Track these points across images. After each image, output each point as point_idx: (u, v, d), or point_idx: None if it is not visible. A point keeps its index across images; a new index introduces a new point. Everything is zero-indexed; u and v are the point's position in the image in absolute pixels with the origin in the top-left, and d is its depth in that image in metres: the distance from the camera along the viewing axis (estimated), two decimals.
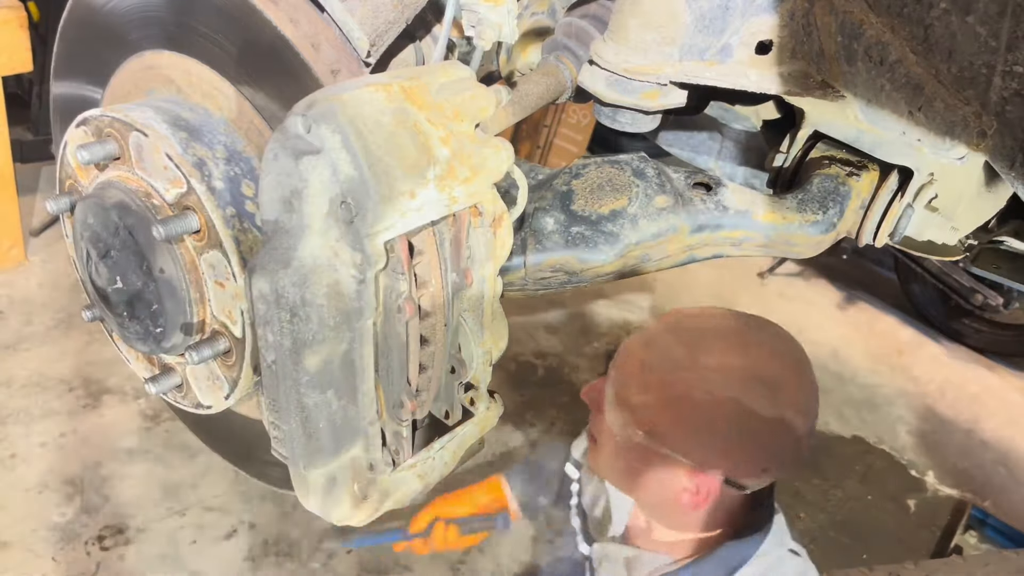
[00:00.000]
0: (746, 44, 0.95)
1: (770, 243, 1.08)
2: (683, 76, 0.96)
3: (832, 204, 1.07)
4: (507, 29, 0.96)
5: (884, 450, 3.24)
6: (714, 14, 0.92)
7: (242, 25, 0.88)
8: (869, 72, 0.87)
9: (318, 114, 0.69)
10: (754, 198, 1.08)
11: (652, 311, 3.82)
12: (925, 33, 0.79)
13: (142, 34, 0.99)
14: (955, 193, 1.10)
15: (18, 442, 2.57)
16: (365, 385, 0.78)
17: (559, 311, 3.66)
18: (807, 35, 0.92)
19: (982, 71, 0.75)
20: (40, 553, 2.25)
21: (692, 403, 1.14)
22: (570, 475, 1.57)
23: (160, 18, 0.96)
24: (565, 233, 1.00)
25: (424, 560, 2.46)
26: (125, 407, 2.76)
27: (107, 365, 2.89)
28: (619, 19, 0.95)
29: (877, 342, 3.93)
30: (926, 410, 3.52)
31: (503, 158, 0.79)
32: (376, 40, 0.90)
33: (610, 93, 0.99)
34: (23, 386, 2.78)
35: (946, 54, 0.78)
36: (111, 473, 2.54)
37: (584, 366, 3.38)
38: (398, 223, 0.71)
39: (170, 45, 0.97)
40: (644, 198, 1.02)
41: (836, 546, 2.75)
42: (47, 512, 2.37)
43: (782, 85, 0.97)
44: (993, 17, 0.71)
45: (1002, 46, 0.72)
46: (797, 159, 1.14)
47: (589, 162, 1.07)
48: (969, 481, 3.15)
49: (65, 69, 1.14)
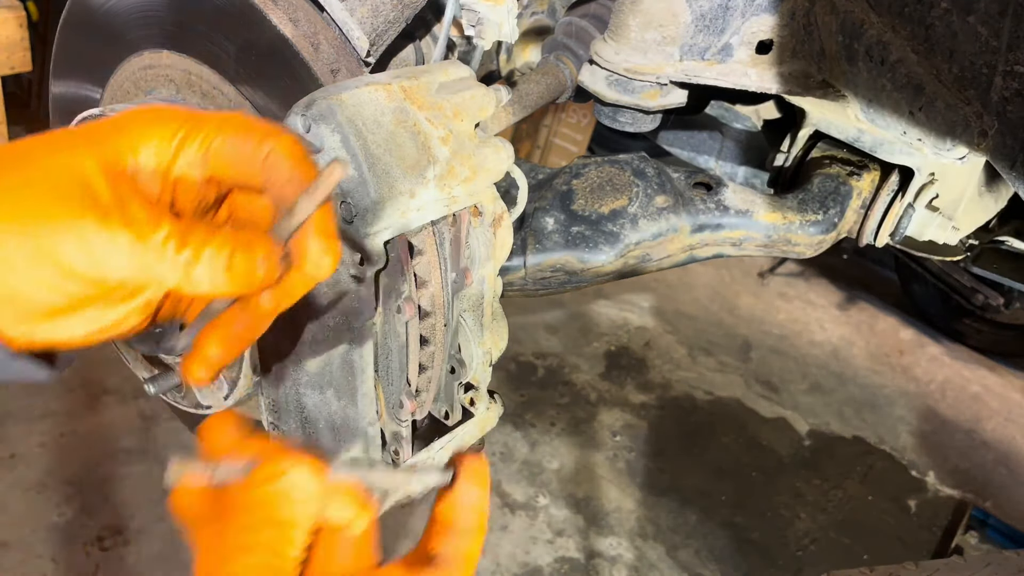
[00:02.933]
0: (747, 43, 0.95)
1: (771, 243, 1.08)
2: (683, 76, 0.96)
3: (833, 204, 1.07)
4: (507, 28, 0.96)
5: (885, 450, 3.24)
6: (714, 14, 0.92)
7: (242, 24, 0.88)
8: (870, 72, 0.87)
9: (317, 113, 0.69)
10: (755, 198, 1.07)
11: (652, 311, 3.82)
12: (926, 33, 0.78)
13: (141, 33, 0.99)
14: (956, 193, 1.10)
15: (17, 442, 2.57)
16: (365, 385, 0.78)
17: (559, 311, 3.66)
18: (808, 35, 0.92)
19: (983, 71, 0.75)
20: (39, 553, 2.25)
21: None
22: None
23: (159, 17, 0.96)
24: (565, 233, 0.99)
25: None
26: (124, 407, 2.76)
27: (106, 365, 2.89)
28: (619, 18, 0.95)
29: (878, 342, 3.93)
30: (927, 410, 3.52)
31: (503, 158, 0.79)
32: (376, 39, 0.90)
33: (610, 93, 0.99)
34: (22, 386, 2.78)
35: (947, 54, 0.77)
36: (110, 473, 2.54)
37: (584, 366, 3.38)
38: (398, 223, 0.71)
39: (169, 44, 0.97)
40: (644, 198, 1.02)
41: (837, 546, 2.75)
42: (46, 512, 2.37)
43: (783, 85, 0.96)
44: (994, 17, 0.71)
45: (1003, 46, 0.71)
46: (798, 159, 1.14)
47: (589, 162, 1.06)
48: (970, 481, 3.15)
49: (64, 69, 1.14)
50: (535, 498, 2.73)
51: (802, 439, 3.23)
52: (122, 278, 0.51)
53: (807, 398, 3.46)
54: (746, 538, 2.71)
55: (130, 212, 0.50)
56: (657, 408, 3.24)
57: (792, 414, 3.34)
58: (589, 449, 2.97)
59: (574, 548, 2.59)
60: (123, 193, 0.51)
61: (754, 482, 2.95)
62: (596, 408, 3.17)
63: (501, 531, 2.61)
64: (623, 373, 3.39)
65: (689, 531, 2.71)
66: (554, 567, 2.52)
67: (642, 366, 3.46)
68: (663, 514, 2.76)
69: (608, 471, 2.90)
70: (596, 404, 3.19)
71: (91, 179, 0.51)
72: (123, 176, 0.53)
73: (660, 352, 3.57)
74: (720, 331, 3.79)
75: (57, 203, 0.50)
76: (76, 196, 0.50)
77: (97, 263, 0.50)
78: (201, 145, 0.54)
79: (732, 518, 2.78)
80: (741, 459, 3.05)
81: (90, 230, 0.49)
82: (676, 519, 2.75)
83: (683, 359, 3.55)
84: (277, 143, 0.54)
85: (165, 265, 0.51)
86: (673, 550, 2.63)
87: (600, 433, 3.06)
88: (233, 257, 0.51)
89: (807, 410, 3.38)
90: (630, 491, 2.83)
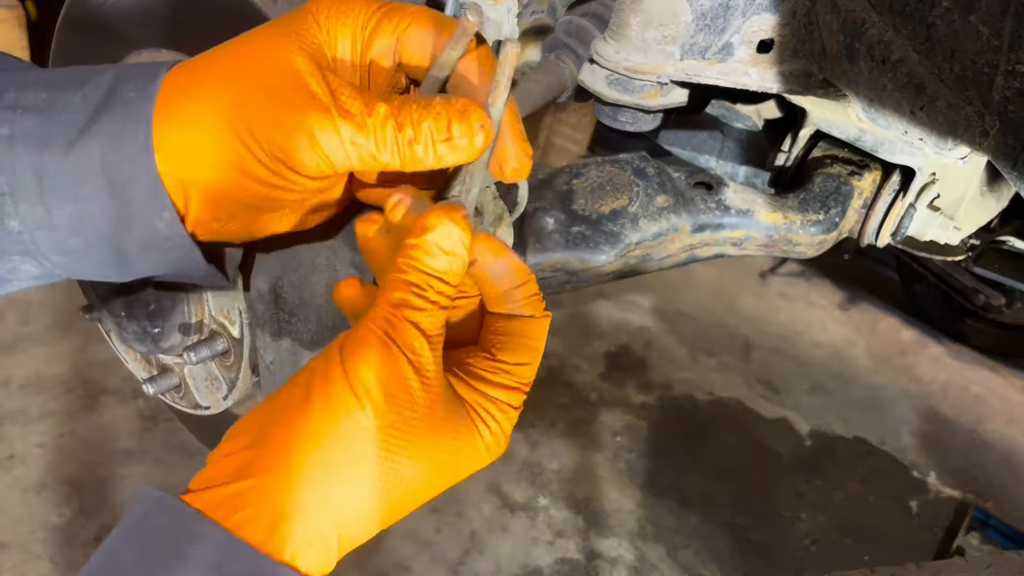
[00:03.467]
0: (747, 43, 0.94)
1: (772, 243, 1.08)
2: (684, 75, 0.96)
3: (834, 204, 1.07)
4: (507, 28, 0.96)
5: (886, 451, 3.23)
6: (715, 12, 0.91)
7: (241, 23, 0.87)
8: (871, 71, 0.86)
9: None
10: (756, 197, 1.07)
11: (653, 311, 3.82)
12: (927, 32, 0.78)
13: (140, 32, 0.98)
14: (957, 193, 1.09)
15: (16, 443, 2.57)
16: None
17: (559, 311, 3.66)
18: (809, 34, 0.92)
19: (984, 70, 0.74)
20: (38, 554, 2.25)
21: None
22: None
23: (159, 16, 0.95)
24: (565, 233, 0.99)
25: (424, 560, 2.46)
26: (123, 408, 2.76)
27: (105, 366, 2.89)
28: (620, 17, 0.95)
29: (879, 342, 3.93)
30: (928, 411, 3.52)
31: None
32: None
33: (611, 92, 0.99)
34: (21, 387, 2.78)
35: (948, 53, 0.77)
36: (109, 474, 2.53)
37: (584, 366, 3.38)
38: None
39: (169, 43, 0.96)
40: (645, 197, 1.02)
41: (838, 547, 2.75)
42: (45, 513, 2.37)
43: (784, 84, 0.96)
44: (996, 16, 0.70)
45: (1005, 45, 0.71)
46: (799, 158, 1.14)
47: (589, 161, 1.06)
48: (972, 482, 3.14)
49: None
50: (535, 499, 2.73)
51: (803, 440, 3.22)
52: (348, 167, 0.53)
53: (808, 398, 3.45)
54: (747, 539, 2.71)
55: (345, 103, 0.52)
56: (658, 408, 3.23)
57: (793, 414, 3.34)
58: (590, 450, 2.97)
59: (574, 549, 2.59)
60: (334, 86, 0.53)
61: (755, 483, 2.94)
62: (597, 409, 3.17)
63: (501, 532, 2.60)
64: (624, 373, 3.38)
65: (690, 532, 2.71)
66: (554, 568, 2.52)
67: (643, 366, 3.46)
68: (664, 515, 2.75)
69: (609, 472, 2.90)
70: (597, 404, 3.19)
71: (305, 77, 0.52)
72: (329, 68, 0.55)
73: (661, 352, 3.56)
74: (721, 331, 3.78)
75: (283, 108, 0.51)
76: (296, 97, 0.52)
77: (326, 158, 0.52)
78: (392, 33, 0.56)
79: (733, 519, 2.77)
80: (742, 460, 3.05)
81: (315, 128, 0.51)
82: (677, 520, 2.74)
83: (684, 359, 3.55)
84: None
85: (387, 148, 0.52)
86: (674, 551, 2.63)
87: (601, 434, 3.05)
88: (451, 128, 0.53)
89: (808, 410, 3.38)
90: (631, 492, 2.83)
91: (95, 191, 0.53)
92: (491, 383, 0.55)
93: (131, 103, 0.53)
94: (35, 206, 0.52)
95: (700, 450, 3.06)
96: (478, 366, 0.56)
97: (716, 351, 3.63)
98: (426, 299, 0.51)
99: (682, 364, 3.51)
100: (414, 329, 0.51)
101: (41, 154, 0.52)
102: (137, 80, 0.55)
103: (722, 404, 3.32)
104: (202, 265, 0.59)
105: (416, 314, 0.51)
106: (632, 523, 2.71)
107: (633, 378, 3.37)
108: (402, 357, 0.50)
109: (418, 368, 0.50)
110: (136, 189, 0.53)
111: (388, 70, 0.58)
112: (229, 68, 0.55)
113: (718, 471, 2.97)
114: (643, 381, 3.37)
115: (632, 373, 3.40)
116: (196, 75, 0.55)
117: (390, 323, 0.51)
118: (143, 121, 0.53)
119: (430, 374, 0.51)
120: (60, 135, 0.52)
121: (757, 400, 3.38)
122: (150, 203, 0.54)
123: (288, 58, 0.53)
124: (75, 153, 0.52)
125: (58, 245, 0.54)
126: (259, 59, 0.54)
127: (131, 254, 0.56)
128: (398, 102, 0.53)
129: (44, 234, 0.53)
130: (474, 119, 0.53)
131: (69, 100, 0.53)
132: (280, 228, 0.61)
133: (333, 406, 0.49)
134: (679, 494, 2.84)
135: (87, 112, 0.53)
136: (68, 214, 0.53)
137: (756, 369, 3.57)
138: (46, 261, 0.55)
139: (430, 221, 0.52)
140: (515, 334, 0.56)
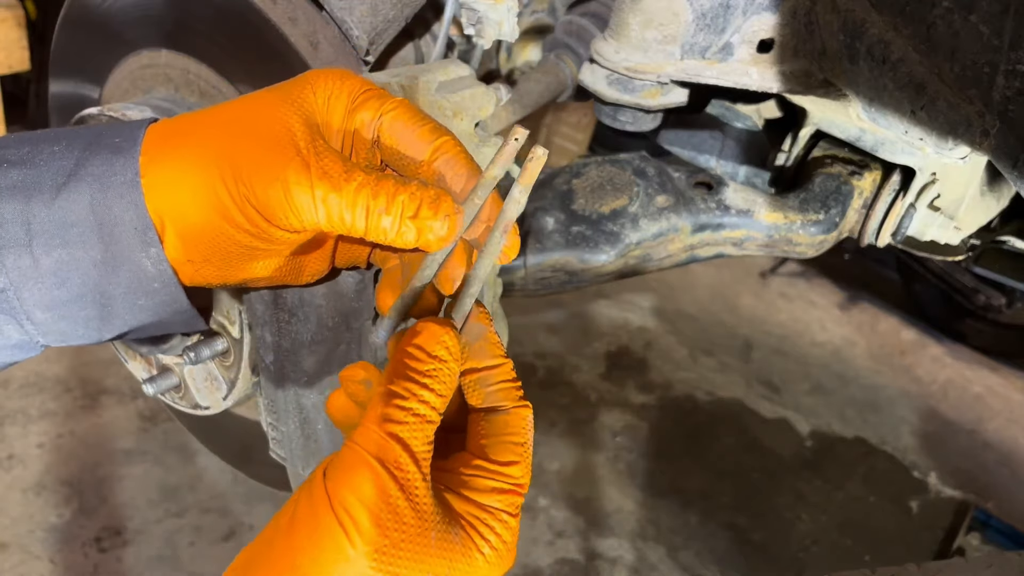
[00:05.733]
0: (748, 42, 0.94)
1: (772, 242, 1.08)
2: (684, 74, 0.96)
3: (834, 203, 1.07)
4: (507, 27, 0.96)
5: (887, 451, 3.23)
6: (715, 12, 0.91)
7: (241, 23, 0.87)
8: (871, 71, 0.86)
9: None
10: (756, 197, 1.07)
11: (653, 311, 3.82)
12: (927, 32, 0.78)
13: (140, 32, 0.98)
14: (958, 193, 1.09)
15: (15, 443, 2.57)
16: None
17: (559, 311, 3.65)
18: (809, 33, 0.92)
19: (985, 70, 0.74)
20: (38, 554, 2.25)
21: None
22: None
23: (158, 16, 0.95)
24: (565, 233, 0.99)
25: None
26: (123, 408, 2.76)
27: (105, 366, 2.88)
28: (620, 17, 0.95)
29: (879, 342, 3.93)
30: (929, 411, 3.52)
31: None
32: (375, 38, 0.89)
33: (611, 92, 0.98)
34: (20, 387, 2.78)
35: (949, 53, 0.77)
36: (109, 474, 2.53)
37: (584, 367, 3.38)
38: None
39: (168, 43, 0.96)
40: (645, 197, 1.01)
41: (838, 548, 2.75)
42: (44, 513, 2.37)
43: (784, 83, 0.96)
44: (996, 16, 0.70)
45: (1005, 45, 0.71)
46: (799, 158, 1.14)
47: (590, 161, 1.06)
48: (972, 482, 3.14)
49: (63, 68, 1.13)
50: (535, 499, 2.73)
51: (803, 440, 3.22)
52: (316, 225, 0.55)
53: (809, 399, 3.45)
54: (747, 539, 2.71)
55: (326, 164, 0.55)
56: (658, 409, 3.23)
57: (793, 415, 3.34)
58: (590, 450, 2.97)
59: (574, 549, 2.58)
60: (320, 149, 0.56)
61: (755, 483, 2.94)
62: (597, 409, 3.17)
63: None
64: (624, 373, 3.38)
65: (690, 532, 2.70)
66: (554, 568, 2.51)
67: (643, 366, 3.45)
68: (664, 515, 2.75)
69: (609, 472, 2.89)
70: (596, 405, 3.19)
71: (296, 136, 0.55)
72: (320, 133, 0.58)
73: (661, 352, 3.56)
74: (721, 331, 3.78)
75: (268, 158, 0.54)
76: (282, 149, 0.54)
77: (296, 211, 0.54)
78: (377, 110, 0.59)
79: (733, 519, 2.77)
80: (742, 460, 3.05)
81: (291, 181, 0.53)
82: (677, 520, 2.74)
83: (684, 359, 3.54)
84: (449, 137, 0.60)
85: (357, 213, 0.54)
86: (674, 551, 2.63)
87: (601, 434, 3.05)
88: (421, 210, 0.55)
89: (809, 411, 3.38)
90: (631, 492, 2.83)
91: (83, 233, 0.54)
92: (482, 491, 0.53)
93: (117, 147, 0.55)
94: (22, 256, 0.54)
95: (700, 450, 3.06)
96: (467, 473, 0.54)
97: (716, 351, 3.63)
98: (411, 412, 0.50)
99: (682, 364, 3.51)
100: (399, 447, 0.49)
101: (29, 202, 0.53)
102: (121, 129, 0.57)
103: (722, 404, 3.32)
104: (185, 305, 0.60)
105: (402, 428, 0.50)
106: (632, 523, 2.70)
107: (633, 378, 3.37)
108: (389, 478, 0.48)
109: (405, 487, 0.48)
110: (123, 227, 0.55)
111: (369, 142, 0.60)
112: (224, 119, 0.57)
113: (718, 471, 2.96)
114: (643, 381, 3.36)
115: (632, 373, 3.40)
116: (187, 123, 0.58)
117: (376, 442, 0.49)
118: (131, 159, 0.55)
119: (419, 492, 0.49)
120: (47, 182, 0.54)
121: (757, 400, 3.38)
122: (137, 240, 0.55)
123: (285, 118, 0.56)
124: (63, 197, 0.54)
125: (43, 298, 0.55)
126: (256, 114, 0.56)
127: (116, 300, 0.57)
128: (377, 175, 0.55)
129: (30, 286, 0.54)
130: (443, 209, 0.55)
131: (52, 150, 0.55)
132: (253, 276, 0.62)
133: (318, 536, 0.47)
134: (679, 494, 2.84)
135: (72, 158, 0.55)
136: (55, 260, 0.54)
137: (756, 369, 3.57)
138: (27, 322, 0.56)
139: (419, 327, 0.54)
140: (497, 432, 0.55)
